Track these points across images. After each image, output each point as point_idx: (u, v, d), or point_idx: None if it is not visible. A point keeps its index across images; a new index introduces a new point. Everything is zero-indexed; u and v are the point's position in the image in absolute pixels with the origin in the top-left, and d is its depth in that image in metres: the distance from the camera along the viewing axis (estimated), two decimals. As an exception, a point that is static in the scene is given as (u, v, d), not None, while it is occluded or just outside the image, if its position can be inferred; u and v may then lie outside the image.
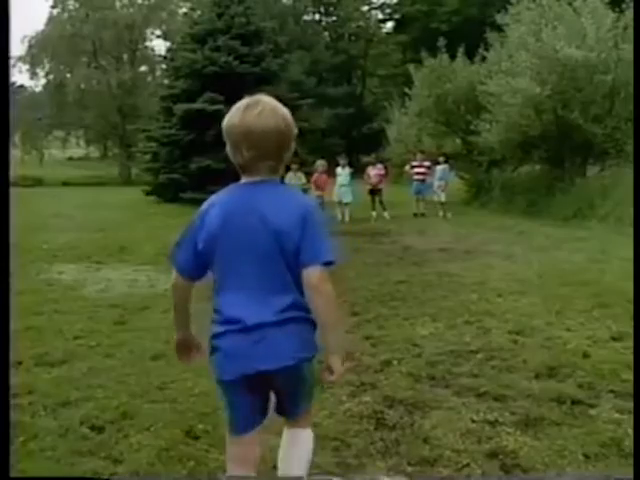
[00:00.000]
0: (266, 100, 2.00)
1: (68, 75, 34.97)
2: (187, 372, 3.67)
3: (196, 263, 2.04)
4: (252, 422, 2.08)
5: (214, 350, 2.02)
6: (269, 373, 1.97)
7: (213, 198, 2.06)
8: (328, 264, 1.95)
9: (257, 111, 1.95)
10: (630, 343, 4.25)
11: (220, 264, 2.01)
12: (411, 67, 19.14)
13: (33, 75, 35.69)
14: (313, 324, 2.02)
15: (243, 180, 2.04)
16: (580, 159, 14.82)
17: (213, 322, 2.04)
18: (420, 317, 5.26)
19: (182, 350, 2.21)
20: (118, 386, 3.69)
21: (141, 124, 24.79)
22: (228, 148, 2.02)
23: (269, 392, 2.10)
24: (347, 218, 13.59)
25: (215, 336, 2.01)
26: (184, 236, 2.06)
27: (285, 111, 2.01)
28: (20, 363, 4.01)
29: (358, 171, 16.25)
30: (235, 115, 1.98)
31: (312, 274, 1.93)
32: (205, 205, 2.05)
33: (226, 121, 2.00)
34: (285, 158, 2.04)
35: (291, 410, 2.17)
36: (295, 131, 2.04)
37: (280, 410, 2.18)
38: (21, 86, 39.53)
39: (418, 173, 14.84)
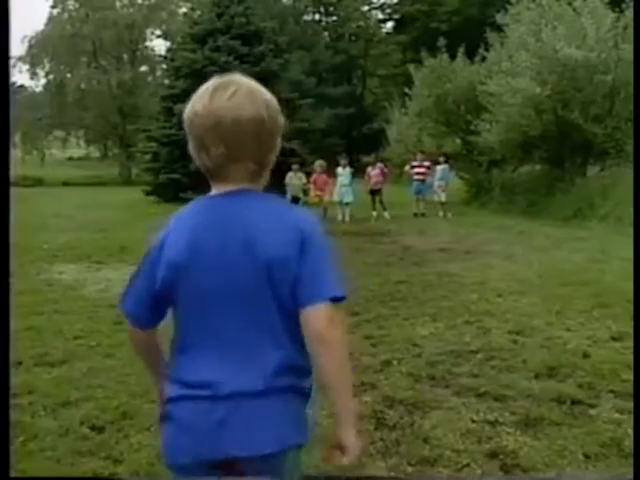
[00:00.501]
0: (241, 81, 1.44)
1: (68, 75, 34.98)
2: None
3: (151, 307, 1.49)
4: None
5: (165, 419, 1.46)
6: (240, 460, 1.38)
7: (171, 218, 1.50)
8: (336, 300, 1.38)
9: (228, 94, 1.40)
10: (630, 343, 4.25)
11: (183, 308, 1.45)
12: (411, 67, 19.20)
13: (33, 75, 35.73)
14: (308, 393, 1.49)
15: (213, 191, 1.48)
16: (580, 159, 14.83)
17: (168, 381, 1.49)
18: (420, 317, 5.27)
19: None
20: (118, 386, 3.69)
21: (141, 124, 24.84)
22: (190, 146, 1.45)
23: None
24: (347, 218, 13.58)
25: (170, 400, 1.45)
26: (135, 272, 1.51)
27: (268, 96, 1.46)
28: (20, 363, 4.01)
29: (358, 171, 16.25)
30: (199, 100, 1.42)
31: (315, 316, 1.36)
32: (163, 229, 1.48)
33: (187, 109, 1.44)
34: (269, 159, 1.48)
35: None
36: (281, 122, 1.48)
37: None
38: (21, 86, 39.52)
39: (418, 173, 14.85)
